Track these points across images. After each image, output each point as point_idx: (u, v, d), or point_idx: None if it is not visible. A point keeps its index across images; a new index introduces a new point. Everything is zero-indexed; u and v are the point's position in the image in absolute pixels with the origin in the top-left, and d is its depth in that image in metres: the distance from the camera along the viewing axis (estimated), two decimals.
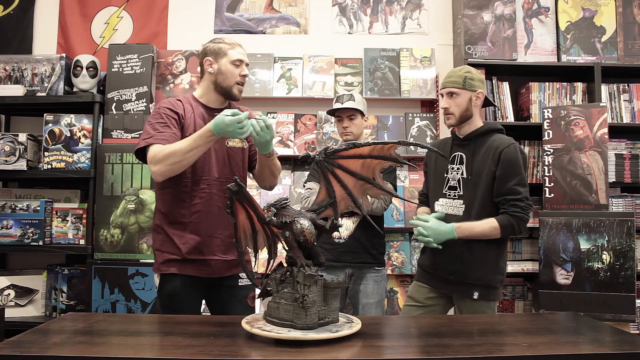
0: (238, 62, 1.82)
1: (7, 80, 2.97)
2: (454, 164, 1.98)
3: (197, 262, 1.75)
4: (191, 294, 1.76)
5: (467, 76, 1.93)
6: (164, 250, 1.76)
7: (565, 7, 3.05)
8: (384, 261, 2.40)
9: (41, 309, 2.88)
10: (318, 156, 1.37)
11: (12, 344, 1.17)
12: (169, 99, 1.84)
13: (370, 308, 2.30)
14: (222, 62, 1.82)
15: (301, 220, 1.30)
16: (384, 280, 2.39)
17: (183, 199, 1.76)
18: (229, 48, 1.83)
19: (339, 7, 3.33)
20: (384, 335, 1.40)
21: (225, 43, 1.84)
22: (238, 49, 1.85)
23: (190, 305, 1.76)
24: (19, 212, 2.78)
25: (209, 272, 1.77)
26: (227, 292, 1.82)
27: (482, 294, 1.86)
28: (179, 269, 1.74)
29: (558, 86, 2.98)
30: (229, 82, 1.82)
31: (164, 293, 1.76)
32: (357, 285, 2.32)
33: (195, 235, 1.75)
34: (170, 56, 3.02)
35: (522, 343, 1.24)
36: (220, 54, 1.83)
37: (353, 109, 2.34)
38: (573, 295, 2.43)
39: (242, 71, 1.83)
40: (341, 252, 2.29)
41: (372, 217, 2.25)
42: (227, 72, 1.81)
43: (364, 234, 2.29)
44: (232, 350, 1.16)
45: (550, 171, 2.63)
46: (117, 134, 2.88)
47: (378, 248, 2.36)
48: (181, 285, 1.73)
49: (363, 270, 2.32)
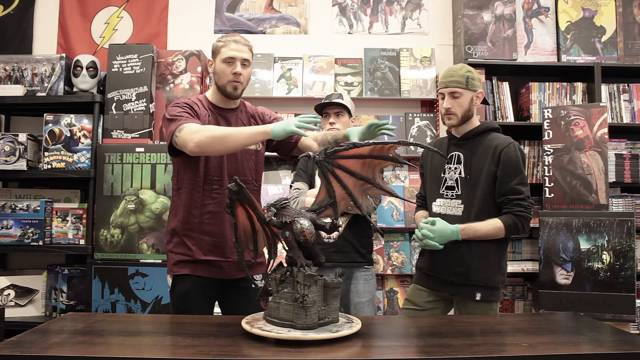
0: (229, 60, 1.77)
1: (7, 80, 2.97)
2: (452, 163, 1.97)
3: (208, 263, 1.75)
4: (203, 295, 1.76)
5: (468, 76, 1.91)
6: (177, 252, 1.77)
7: (565, 7, 3.05)
8: (372, 260, 2.41)
9: (41, 309, 2.88)
10: (318, 156, 1.37)
11: (12, 344, 1.17)
12: (185, 100, 1.80)
13: (362, 307, 2.30)
14: (217, 61, 1.79)
15: (301, 220, 1.30)
16: (374, 278, 2.39)
17: (195, 200, 1.75)
18: (222, 46, 1.78)
19: (339, 7, 3.33)
20: (383, 335, 1.40)
21: (221, 41, 1.80)
22: (231, 45, 1.77)
23: (202, 306, 1.75)
24: (19, 212, 2.78)
25: (221, 274, 1.77)
26: (239, 293, 1.81)
27: (484, 295, 1.85)
28: (191, 269, 1.74)
29: (558, 86, 2.98)
30: (222, 81, 1.79)
31: (175, 293, 1.76)
32: (347, 285, 2.31)
33: (207, 237, 1.75)
34: (170, 56, 3.02)
35: (522, 343, 1.24)
36: (215, 53, 1.81)
37: (340, 106, 2.35)
38: (573, 295, 2.43)
39: (233, 69, 1.77)
40: (331, 251, 2.28)
41: (361, 216, 2.27)
42: (219, 71, 1.78)
43: (352, 234, 2.30)
44: (232, 350, 1.16)
45: (550, 171, 2.63)
46: (117, 134, 2.87)
47: (367, 247, 2.37)
48: (193, 285, 1.73)
49: (352, 270, 2.32)
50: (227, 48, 1.77)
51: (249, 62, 1.82)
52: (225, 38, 1.80)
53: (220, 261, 1.76)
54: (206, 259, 1.74)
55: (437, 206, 1.98)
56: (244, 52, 1.79)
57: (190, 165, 1.76)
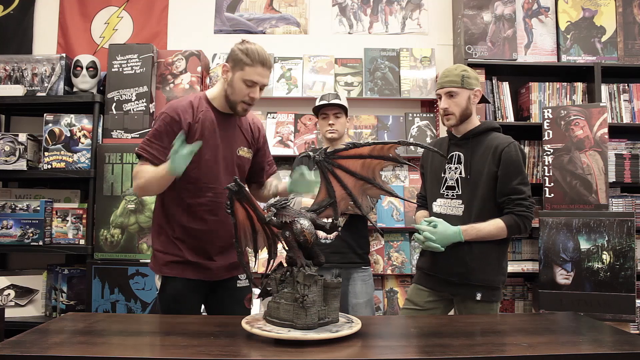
0: (250, 83, 1.67)
1: (7, 80, 2.97)
2: (452, 163, 1.97)
3: (198, 265, 1.74)
4: (192, 297, 1.75)
5: (464, 75, 1.92)
6: (166, 252, 1.75)
7: (565, 7, 3.05)
8: (369, 260, 2.40)
9: (41, 309, 2.88)
10: (318, 156, 1.37)
11: (12, 344, 1.17)
12: (178, 104, 1.74)
13: (360, 308, 2.29)
14: (236, 75, 1.68)
15: (301, 220, 1.30)
16: (371, 279, 2.38)
17: (187, 204, 1.73)
18: (248, 64, 1.65)
19: (339, 7, 3.33)
20: (383, 335, 1.40)
21: (248, 56, 1.65)
22: (258, 69, 1.66)
23: (191, 308, 1.75)
24: (19, 212, 2.78)
25: (210, 275, 1.76)
26: (226, 293, 1.81)
27: (484, 295, 1.84)
28: (181, 271, 1.73)
29: (558, 86, 2.97)
30: (234, 98, 1.71)
31: (165, 296, 1.74)
32: (344, 286, 2.30)
33: (198, 239, 1.74)
34: (170, 56, 3.02)
35: (522, 343, 1.24)
36: (238, 65, 1.68)
37: (338, 107, 2.34)
38: (573, 295, 2.43)
39: (252, 93, 1.69)
40: (328, 252, 2.27)
41: (358, 216, 2.27)
42: (236, 87, 1.69)
43: (349, 234, 2.29)
44: (232, 350, 1.17)
45: (550, 171, 2.63)
46: (117, 134, 2.87)
47: (364, 248, 2.36)
48: (183, 288, 1.73)
49: (350, 271, 2.31)
50: (253, 70, 1.66)
51: (267, 85, 1.75)
52: (254, 55, 1.66)
53: (209, 263, 1.75)
54: (195, 261, 1.73)
55: (437, 206, 1.98)
56: (266, 78, 1.70)
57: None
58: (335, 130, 2.35)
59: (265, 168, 1.99)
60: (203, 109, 1.75)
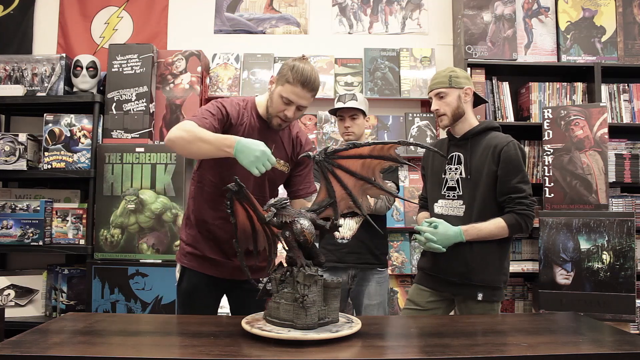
0: (287, 101, 1.65)
1: (7, 80, 2.97)
2: (452, 164, 1.97)
3: (216, 262, 1.76)
4: (207, 293, 1.78)
5: (451, 75, 1.93)
6: (188, 243, 1.79)
7: (565, 7, 3.05)
8: (386, 262, 2.37)
9: (41, 309, 2.88)
10: (318, 156, 1.37)
11: (12, 344, 1.17)
12: (230, 101, 1.73)
13: (372, 309, 2.28)
14: (277, 88, 1.67)
15: (301, 220, 1.30)
16: (387, 281, 2.37)
17: (213, 202, 1.73)
18: (290, 82, 1.63)
19: (339, 7, 3.33)
20: (384, 335, 1.40)
21: (292, 73, 1.63)
22: (297, 89, 1.62)
23: (207, 303, 1.78)
24: (19, 212, 2.78)
25: (226, 274, 1.78)
26: (245, 294, 1.81)
27: (486, 295, 1.84)
28: (199, 265, 1.76)
29: (558, 86, 2.98)
30: (272, 110, 1.70)
31: (182, 288, 1.78)
32: (360, 287, 2.29)
33: (217, 238, 1.76)
34: (170, 56, 3.02)
35: (522, 343, 1.24)
36: (281, 80, 1.66)
37: (355, 109, 2.32)
38: (573, 295, 2.43)
39: (287, 111, 1.66)
40: (344, 252, 2.26)
41: (375, 216, 2.25)
42: (274, 101, 1.68)
43: (367, 234, 2.26)
44: (232, 350, 1.16)
45: (550, 171, 2.63)
46: (117, 134, 2.88)
47: (381, 248, 2.34)
48: (200, 283, 1.76)
49: (366, 272, 2.29)
50: (292, 89, 1.63)
51: (306, 107, 1.72)
52: (296, 74, 1.63)
53: (227, 262, 1.77)
54: (213, 258, 1.76)
55: (438, 207, 1.98)
56: (304, 100, 1.66)
57: (214, 165, 1.72)
58: (352, 132, 2.32)
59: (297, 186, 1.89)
60: (248, 113, 1.75)
